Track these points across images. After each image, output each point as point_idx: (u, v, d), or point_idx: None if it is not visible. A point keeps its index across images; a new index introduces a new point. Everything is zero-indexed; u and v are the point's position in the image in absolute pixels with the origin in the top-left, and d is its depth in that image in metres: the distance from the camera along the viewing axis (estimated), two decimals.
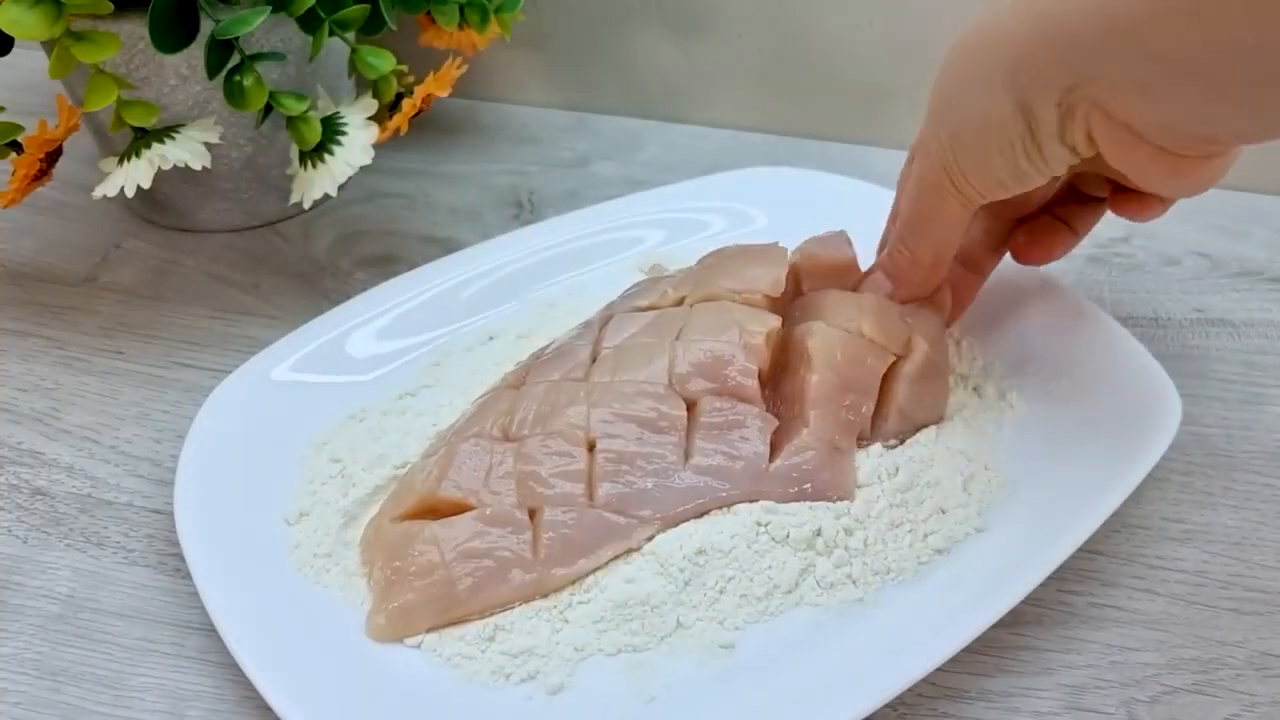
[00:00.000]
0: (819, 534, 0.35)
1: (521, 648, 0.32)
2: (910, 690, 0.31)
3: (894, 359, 0.38)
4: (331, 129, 0.45)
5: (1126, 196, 0.37)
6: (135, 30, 0.44)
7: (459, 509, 0.35)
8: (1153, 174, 0.31)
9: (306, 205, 0.45)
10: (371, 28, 0.46)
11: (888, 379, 0.38)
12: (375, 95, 0.47)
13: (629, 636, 0.33)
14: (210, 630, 0.33)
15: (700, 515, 0.35)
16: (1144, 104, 0.28)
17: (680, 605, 0.33)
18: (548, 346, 0.41)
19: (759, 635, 0.33)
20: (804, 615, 0.34)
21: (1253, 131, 0.28)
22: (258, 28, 0.42)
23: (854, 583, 0.34)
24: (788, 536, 0.35)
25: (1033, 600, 0.34)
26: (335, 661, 0.32)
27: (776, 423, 0.37)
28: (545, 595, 0.34)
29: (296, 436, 0.39)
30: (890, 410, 0.38)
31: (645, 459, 0.35)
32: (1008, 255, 0.41)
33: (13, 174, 0.44)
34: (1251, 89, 0.26)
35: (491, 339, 0.44)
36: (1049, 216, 0.40)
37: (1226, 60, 0.25)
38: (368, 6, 0.45)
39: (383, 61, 0.46)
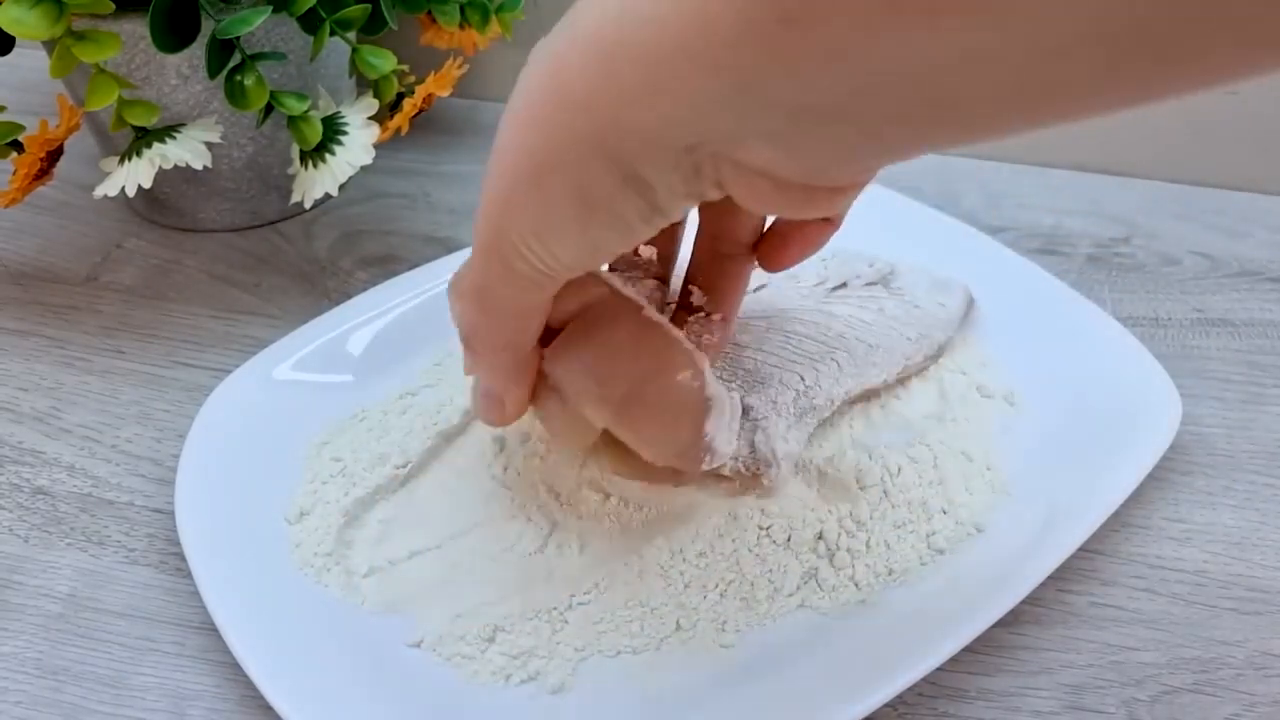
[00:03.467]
0: (821, 537, 0.35)
1: (522, 649, 0.32)
2: (911, 690, 0.31)
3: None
4: (332, 129, 0.45)
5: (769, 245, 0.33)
6: (136, 30, 0.44)
7: None
8: (792, 211, 0.25)
9: (308, 205, 0.45)
10: (372, 27, 0.46)
11: None
12: (376, 95, 0.47)
13: (628, 639, 0.33)
14: (211, 629, 0.33)
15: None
16: (782, 154, 0.22)
17: (680, 608, 0.33)
18: None
19: (759, 635, 0.33)
20: (805, 616, 0.34)
21: (910, 154, 0.22)
22: (258, 27, 0.42)
23: (856, 585, 0.34)
24: (789, 540, 0.35)
25: (1033, 600, 0.34)
26: (336, 661, 0.32)
27: None
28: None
29: (297, 436, 0.39)
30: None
31: None
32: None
33: (14, 173, 0.44)
34: (909, 122, 0.20)
35: None
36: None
37: (870, 95, 0.19)
38: (368, 6, 0.45)
39: (384, 61, 0.46)
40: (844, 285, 0.42)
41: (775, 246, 0.33)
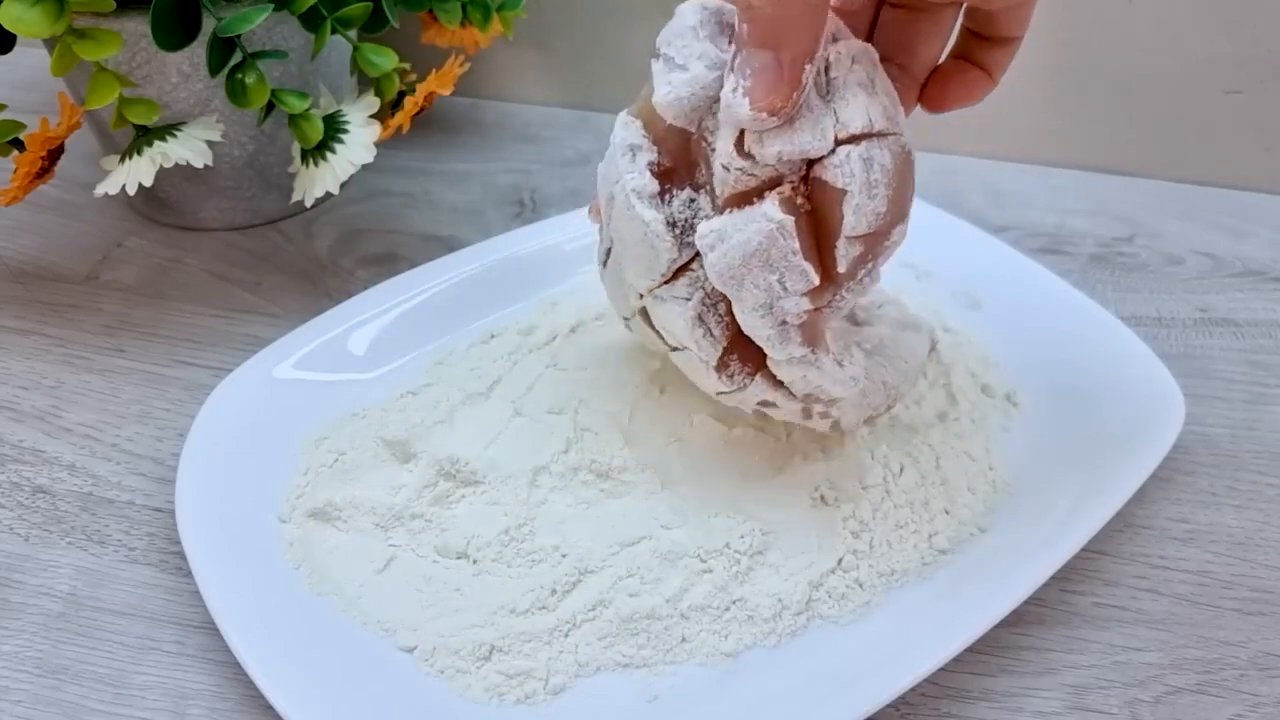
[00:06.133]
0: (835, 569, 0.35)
1: (519, 669, 0.32)
2: (913, 690, 0.31)
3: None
4: (333, 127, 0.45)
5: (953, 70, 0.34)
6: (137, 28, 0.44)
7: None
8: None
9: (308, 203, 0.45)
10: (373, 25, 0.46)
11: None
12: (377, 93, 0.47)
13: (635, 649, 0.32)
14: (212, 628, 0.33)
15: None
16: None
17: (684, 620, 0.33)
18: None
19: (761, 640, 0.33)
20: (809, 621, 0.33)
21: None
22: (259, 25, 0.42)
23: (861, 587, 0.34)
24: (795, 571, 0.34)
25: (1036, 600, 0.34)
26: (336, 661, 0.32)
27: None
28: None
29: (298, 434, 0.39)
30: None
31: None
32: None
33: (15, 172, 0.44)
34: None
35: (493, 337, 0.44)
36: (956, 59, 0.35)
37: None
38: (370, 4, 0.45)
39: (385, 59, 0.46)
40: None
41: (937, 85, 0.35)
